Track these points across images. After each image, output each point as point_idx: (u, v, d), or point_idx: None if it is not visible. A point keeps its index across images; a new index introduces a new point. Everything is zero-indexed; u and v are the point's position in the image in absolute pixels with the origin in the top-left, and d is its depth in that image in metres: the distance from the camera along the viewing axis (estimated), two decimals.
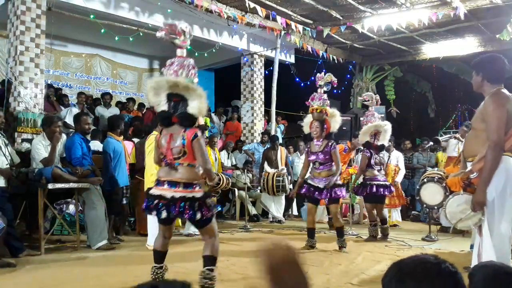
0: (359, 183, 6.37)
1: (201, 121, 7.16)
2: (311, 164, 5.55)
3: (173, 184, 3.28)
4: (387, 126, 6.32)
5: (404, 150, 9.06)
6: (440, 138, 9.17)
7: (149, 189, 3.51)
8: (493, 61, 3.06)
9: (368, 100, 6.57)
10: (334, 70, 6.56)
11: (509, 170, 2.84)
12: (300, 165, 8.49)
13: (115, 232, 6.01)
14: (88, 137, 6.02)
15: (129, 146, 6.58)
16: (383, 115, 11.79)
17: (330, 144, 5.35)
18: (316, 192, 5.35)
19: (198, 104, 3.30)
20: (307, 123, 5.53)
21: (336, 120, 5.50)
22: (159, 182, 3.36)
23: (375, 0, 8.37)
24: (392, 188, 6.49)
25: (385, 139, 6.33)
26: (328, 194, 5.29)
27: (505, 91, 2.99)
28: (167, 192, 3.26)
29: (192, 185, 3.30)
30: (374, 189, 6.12)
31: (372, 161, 6.23)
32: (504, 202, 2.82)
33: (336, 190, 5.28)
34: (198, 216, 3.23)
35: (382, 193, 6.16)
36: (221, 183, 6.52)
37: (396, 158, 7.95)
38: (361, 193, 6.38)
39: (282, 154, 8.28)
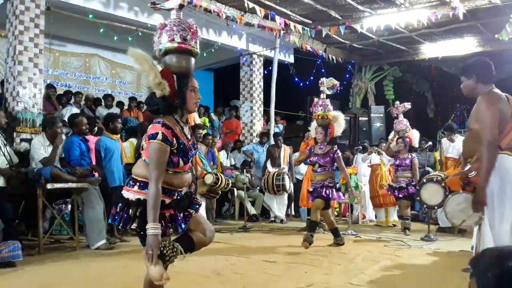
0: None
1: (197, 120, 7.16)
2: (312, 166, 5.73)
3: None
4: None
5: None
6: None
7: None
8: (483, 63, 3.14)
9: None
10: (333, 70, 6.59)
11: (507, 169, 2.84)
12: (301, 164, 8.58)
13: (111, 232, 5.92)
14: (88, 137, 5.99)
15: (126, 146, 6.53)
16: (382, 115, 11.92)
17: (334, 150, 5.53)
18: (313, 194, 5.61)
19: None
20: (313, 128, 5.73)
21: (339, 123, 5.63)
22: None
23: (374, 0, 8.38)
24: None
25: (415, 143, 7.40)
26: (318, 193, 5.49)
27: (497, 90, 3.02)
28: None
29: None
30: (411, 189, 6.76)
31: None
32: (504, 200, 2.82)
33: (325, 190, 5.45)
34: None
35: (411, 191, 6.79)
36: (219, 183, 6.52)
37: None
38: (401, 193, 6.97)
39: (285, 152, 8.29)
